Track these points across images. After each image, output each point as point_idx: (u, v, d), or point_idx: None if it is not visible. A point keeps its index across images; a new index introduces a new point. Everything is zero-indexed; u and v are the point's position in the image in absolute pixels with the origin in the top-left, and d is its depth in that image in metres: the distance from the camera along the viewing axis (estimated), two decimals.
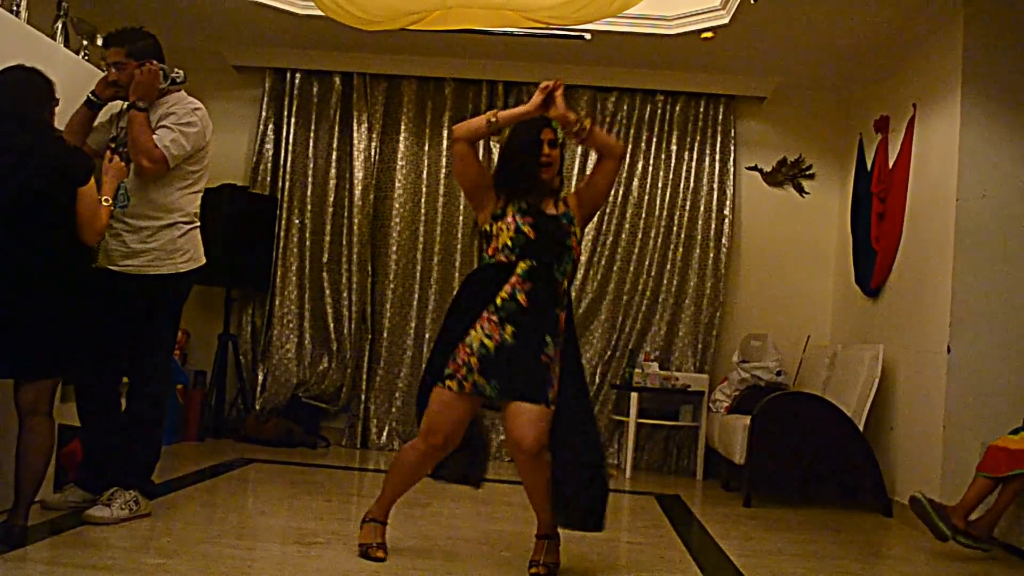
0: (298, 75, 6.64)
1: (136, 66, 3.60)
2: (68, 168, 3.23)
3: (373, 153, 6.60)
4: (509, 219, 3.12)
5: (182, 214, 3.68)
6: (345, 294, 6.57)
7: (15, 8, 3.86)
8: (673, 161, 6.53)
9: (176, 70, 3.70)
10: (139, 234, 3.58)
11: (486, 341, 3.04)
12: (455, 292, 3.33)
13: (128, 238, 3.58)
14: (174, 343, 3.95)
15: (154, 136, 3.54)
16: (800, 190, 6.61)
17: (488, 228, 3.18)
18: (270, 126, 6.68)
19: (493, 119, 3.13)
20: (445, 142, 6.59)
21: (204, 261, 3.79)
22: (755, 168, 6.62)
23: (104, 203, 3.35)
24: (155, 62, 3.63)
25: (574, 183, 6.13)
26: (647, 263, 6.46)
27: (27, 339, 3.16)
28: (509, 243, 3.11)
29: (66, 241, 3.25)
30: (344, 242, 6.59)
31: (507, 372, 3.02)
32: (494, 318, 3.06)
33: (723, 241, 6.45)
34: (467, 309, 3.13)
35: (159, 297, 3.64)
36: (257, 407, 6.40)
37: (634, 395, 5.93)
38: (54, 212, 3.19)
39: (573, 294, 5.42)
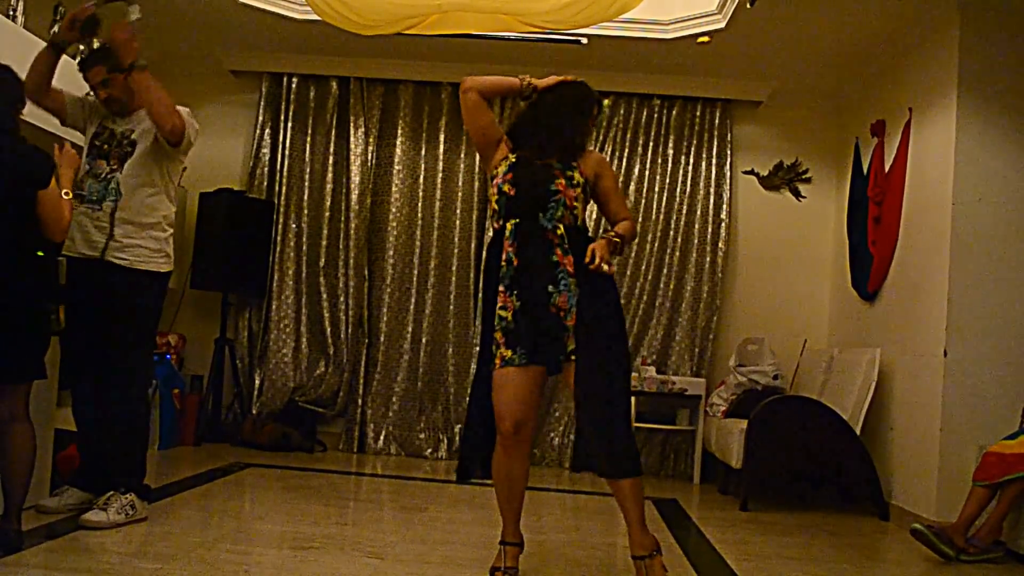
0: (295, 79, 6.65)
1: (123, 77, 3.62)
2: (30, 171, 3.20)
3: (370, 157, 6.60)
4: (497, 179, 3.08)
5: (164, 214, 3.75)
6: (342, 298, 6.57)
7: (12, 12, 3.87)
8: (669, 165, 6.54)
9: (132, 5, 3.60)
10: (125, 228, 3.62)
11: (503, 313, 2.97)
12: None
13: (116, 232, 3.61)
14: (155, 343, 3.97)
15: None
16: (796, 194, 6.62)
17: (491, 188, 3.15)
18: (267, 130, 6.67)
19: (527, 84, 3.10)
20: (442, 146, 6.60)
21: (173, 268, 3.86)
22: (751, 172, 6.64)
23: (65, 196, 3.33)
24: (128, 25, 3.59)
25: None
26: (644, 267, 6.47)
27: (20, 340, 3.16)
28: (496, 207, 3.08)
29: (31, 243, 3.23)
30: (341, 246, 6.60)
31: (528, 338, 2.93)
32: (502, 288, 2.99)
33: (720, 245, 6.46)
34: (487, 293, 3.07)
35: (146, 292, 3.68)
36: (254, 411, 6.40)
37: (631, 399, 5.92)
38: (16, 214, 3.16)
39: None
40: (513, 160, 3.07)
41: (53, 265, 3.58)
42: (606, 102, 3.19)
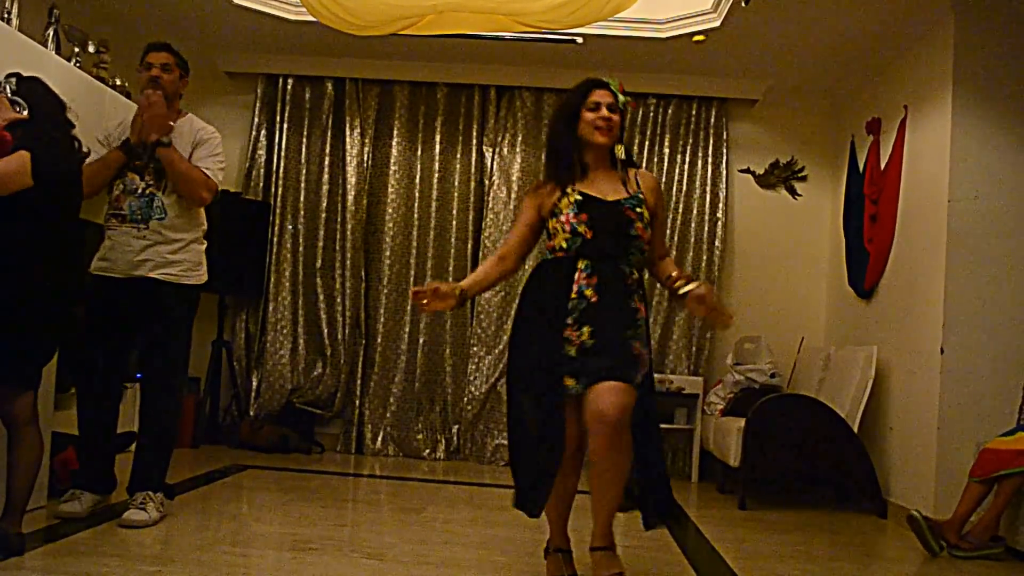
0: (290, 81, 6.64)
1: (180, 76, 3.81)
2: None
3: (366, 158, 6.59)
4: (563, 217, 2.87)
5: (204, 227, 3.90)
6: (339, 300, 6.56)
7: (6, 15, 3.86)
8: (666, 164, 6.54)
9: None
10: (172, 245, 3.72)
11: (568, 348, 2.82)
12: (521, 293, 3.03)
13: (162, 249, 3.70)
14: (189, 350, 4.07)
15: (204, 169, 3.75)
16: (793, 192, 6.63)
17: (549, 225, 2.94)
18: (263, 132, 6.67)
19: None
20: (438, 147, 6.60)
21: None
22: (747, 171, 6.64)
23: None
24: (159, 93, 3.73)
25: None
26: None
27: (16, 345, 3.16)
28: (565, 245, 2.87)
29: (58, 245, 3.27)
30: (337, 248, 6.59)
31: (590, 365, 2.77)
32: (569, 320, 2.82)
33: (716, 244, 6.46)
34: (543, 309, 2.88)
35: (189, 305, 3.83)
36: (251, 413, 6.39)
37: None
38: (51, 218, 3.20)
39: None
40: (579, 198, 2.87)
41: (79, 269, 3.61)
42: (612, 83, 2.98)
